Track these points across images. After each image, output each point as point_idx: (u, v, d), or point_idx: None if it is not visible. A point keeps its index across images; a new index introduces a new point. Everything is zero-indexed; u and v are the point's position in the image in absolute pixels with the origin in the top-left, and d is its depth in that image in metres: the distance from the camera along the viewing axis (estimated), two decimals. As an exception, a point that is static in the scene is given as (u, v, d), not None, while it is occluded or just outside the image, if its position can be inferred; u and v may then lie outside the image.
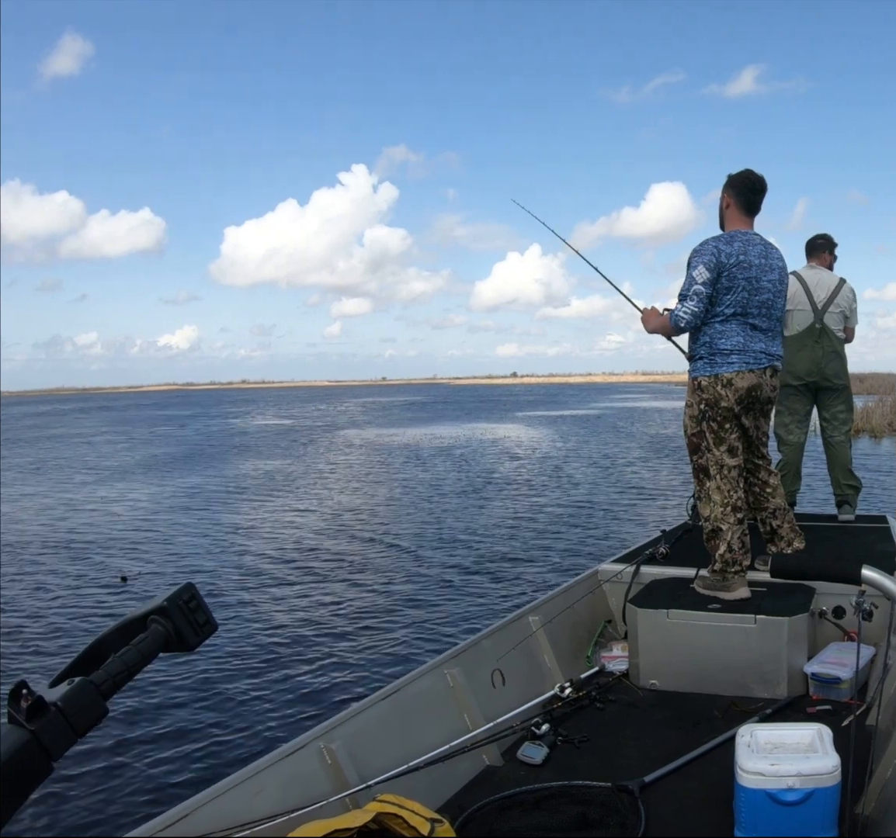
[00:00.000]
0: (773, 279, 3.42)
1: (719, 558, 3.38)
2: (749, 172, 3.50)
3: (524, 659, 3.06)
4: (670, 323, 3.43)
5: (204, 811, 1.80)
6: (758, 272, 3.36)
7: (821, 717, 2.66)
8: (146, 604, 0.84)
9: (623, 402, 53.29)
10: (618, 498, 12.80)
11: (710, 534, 3.46)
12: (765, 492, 3.67)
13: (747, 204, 3.47)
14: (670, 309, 3.51)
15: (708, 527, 3.47)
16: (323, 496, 14.18)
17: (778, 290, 3.46)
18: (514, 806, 2.22)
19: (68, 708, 0.72)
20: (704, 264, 3.31)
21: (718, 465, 3.44)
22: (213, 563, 8.96)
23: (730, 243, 3.36)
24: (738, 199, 3.47)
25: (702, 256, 3.34)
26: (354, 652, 5.80)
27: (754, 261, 3.36)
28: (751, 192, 3.47)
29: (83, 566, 9.02)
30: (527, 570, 8.10)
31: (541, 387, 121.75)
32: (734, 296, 3.34)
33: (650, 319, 3.60)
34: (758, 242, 3.43)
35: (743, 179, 3.48)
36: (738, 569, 3.35)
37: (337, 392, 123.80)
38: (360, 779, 2.12)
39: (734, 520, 3.42)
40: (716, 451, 3.44)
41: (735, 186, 3.48)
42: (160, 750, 4.34)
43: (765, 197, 3.51)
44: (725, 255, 3.32)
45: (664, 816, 2.18)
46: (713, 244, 3.36)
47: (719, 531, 3.42)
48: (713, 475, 3.45)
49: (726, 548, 3.38)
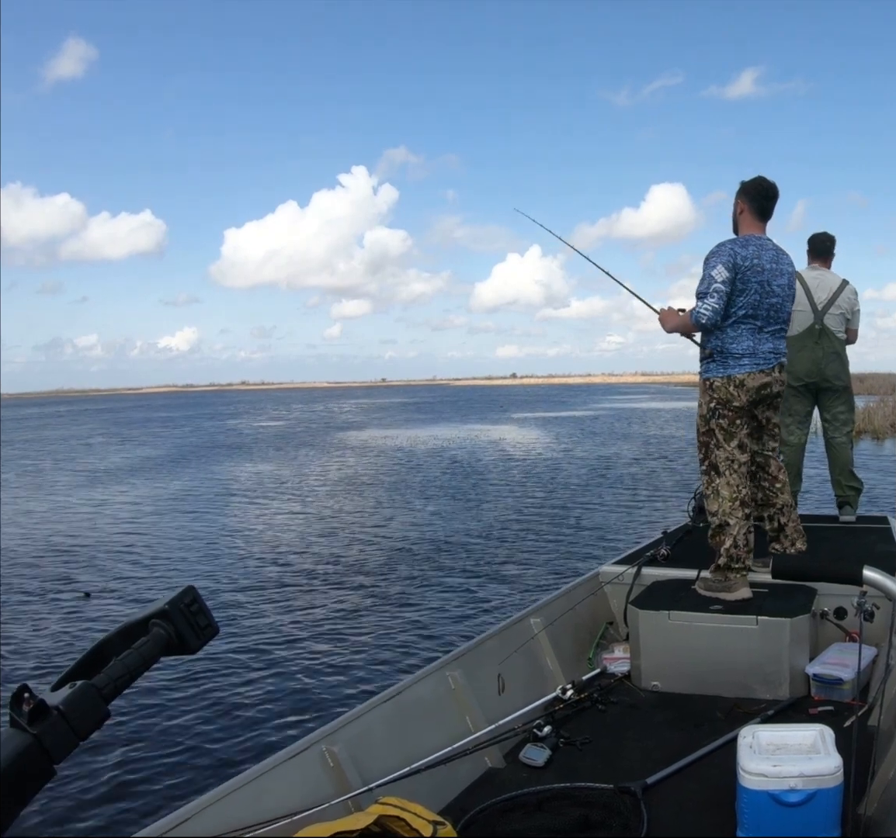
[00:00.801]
0: (782, 284, 3.53)
1: (724, 553, 3.39)
2: (762, 179, 3.62)
3: (526, 661, 3.06)
4: (691, 320, 3.51)
5: (207, 813, 1.80)
6: (769, 276, 3.47)
7: (823, 718, 2.66)
8: (148, 608, 0.84)
9: (622, 403, 53.30)
10: (618, 499, 12.80)
11: (717, 530, 3.48)
12: (774, 488, 3.71)
13: (761, 210, 3.59)
14: (685, 309, 3.60)
15: (715, 521, 3.49)
16: (322, 498, 14.17)
17: (787, 294, 3.57)
18: (517, 809, 2.22)
19: (70, 711, 0.72)
20: (723, 264, 3.41)
21: (729, 461, 3.49)
22: (214, 567, 8.96)
23: (745, 247, 3.47)
24: (751, 204, 3.58)
25: (720, 257, 3.44)
26: (356, 654, 5.79)
27: (766, 266, 3.46)
28: (764, 199, 3.59)
29: (82, 569, 9.02)
30: (528, 572, 8.10)
31: (540, 388, 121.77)
32: (746, 298, 3.44)
33: (669, 319, 3.69)
34: (770, 248, 3.54)
35: (756, 186, 3.59)
36: (740, 566, 3.37)
37: (336, 393, 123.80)
38: (362, 782, 2.12)
39: (742, 514, 3.46)
40: (727, 447, 3.49)
41: (749, 193, 3.59)
42: (162, 753, 4.34)
43: (776, 203, 3.63)
44: (741, 258, 3.42)
45: (666, 818, 2.18)
46: (730, 246, 3.47)
47: (726, 526, 3.44)
48: (723, 471, 3.49)
49: (732, 542, 3.40)
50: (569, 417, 38.89)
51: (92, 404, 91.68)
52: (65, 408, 76.95)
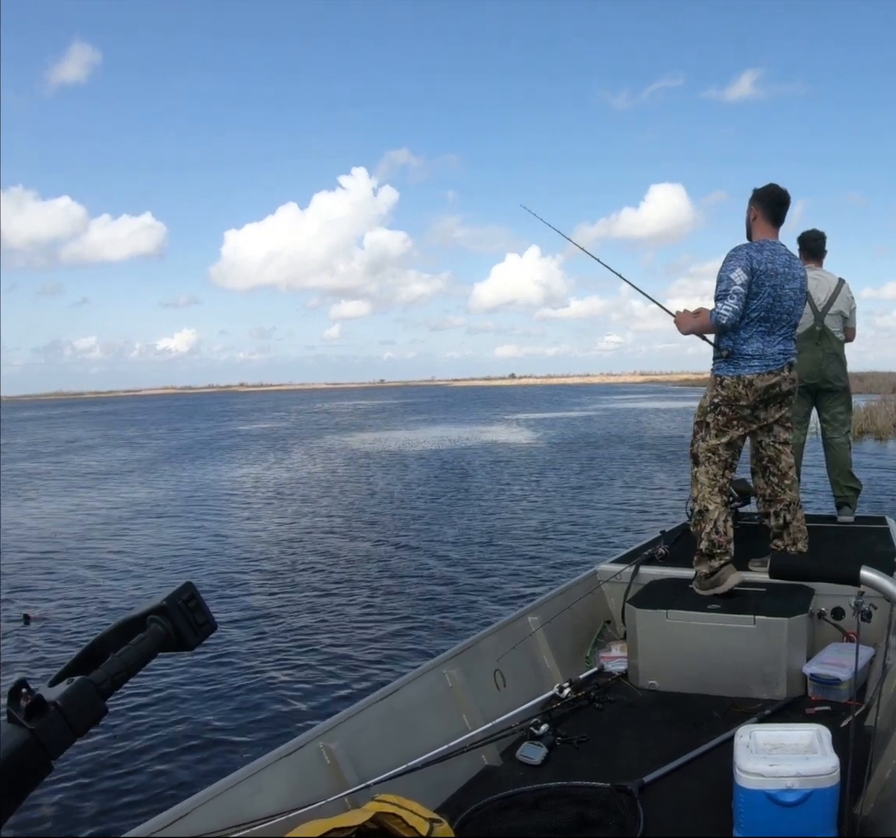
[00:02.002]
0: (794, 288, 3.59)
1: (706, 537, 3.45)
2: (774, 186, 3.70)
3: (523, 659, 3.06)
4: (711, 321, 3.56)
5: (203, 810, 1.80)
6: (782, 280, 3.54)
7: (820, 718, 2.66)
8: (145, 604, 0.84)
9: (620, 404, 53.31)
10: (617, 498, 12.81)
11: (698, 517, 3.56)
12: (783, 484, 3.75)
13: (774, 216, 3.67)
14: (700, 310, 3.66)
15: (696, 508, 3.57)
16: (322, 498, 14.17)
17: (798, 298, 3.64)
18: (513, 807, 2.22)
19: (67, 707, 0.72)
20: (742, 267, 3.48)
21: (710, 452, 3.57)
22: (211, 563, 8.96)
23: (760, 251, 3.53)
24: (765, 211, 3.66)
25: (738, 260, 3.51)
26: (354, 652, 5.80)
27: (780, 270, 3.54)
28: (777, 205, 3.67)
29: (79, 566, 9.02)
30: (525, 571, 8.10)
31: (539, 388, 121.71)
32: (759, 301, 3.50)
33: (685, 321, 3.74)
34: (783, 252, 3.61)
35: (769, 193, 3.67)
36: (722, 552, 3.42)
37: (334, 394, 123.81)
38: (359, 779, 2.12)
39: (720, 500, 3.54)
40: (712, 441, 3.57)
41: (762, 200, 3.67)
42: (159, 749, 4.34)
43: (788, 209, 3.71)
44: (756, 262, 3.49)
45: (663, 817, 2.18)
46: (746, 250, 3.54)
47: (705, 511, 3.51)
48: (702, 461, 3.59)
49: (712, 527, 3.46)
50: (567, 418, 38.90)
51: (84, 407, 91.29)
52: (60, 411, 76.65)
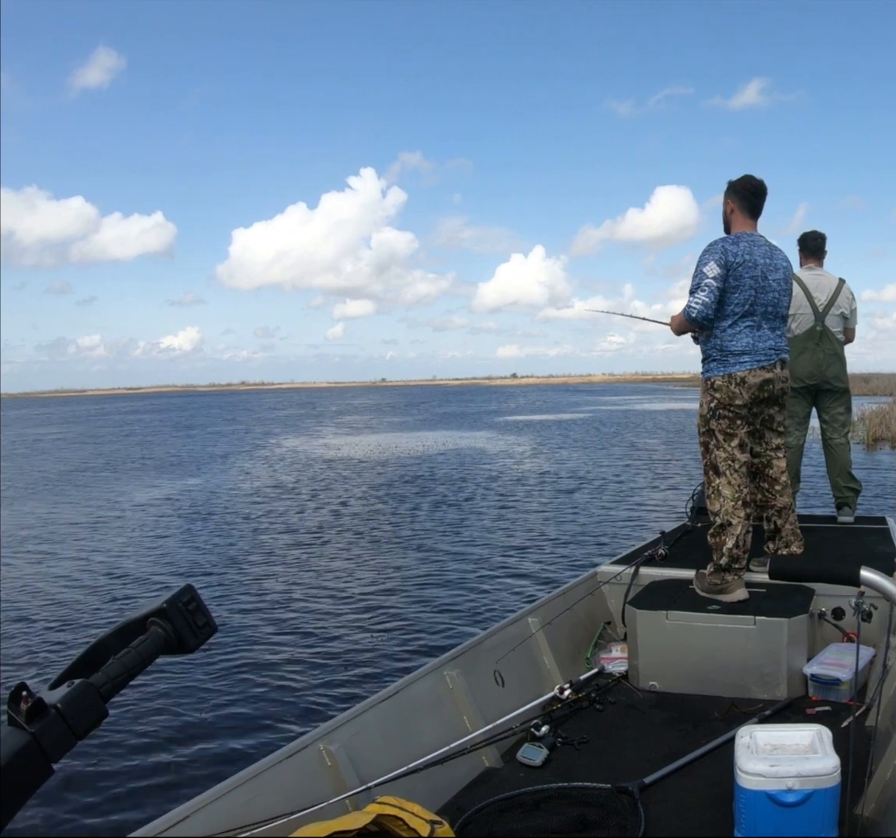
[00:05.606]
0: (778, 278, 3.53)
1: (727, 552, 3.39)
2: (750, 177, 3.62)
3: (523, 660, 3.06)
4: (684, 316, 3.53)
5: (204, 812, 1.80)
6: (763, 271, 3.47)
7: (820, 718, 2.66)
8: (146, 606, 0.84)
9: (621, 404, 53.30)
10: (617, 499, 12.80)
11: (718, 530, 3.47)
12: (773, 490, 3.71)
13: (751, 207, 3.60)
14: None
15: (717, 521, 3.48)
16: (320, 499, 14.16)
17: (783, 289, 3.58)
18: (514, 808, 2.22)
19: (68, 710, 0.72)
20: (715, 261, 3.43)
21: (729, 461, 3.49)
22: (211, 565, 8.95)
23: (736, 243, 3.48)
24: (741, 203, 3.59)
25: (712, 254, 3.46)
26: (354, 654, 5.79)
27: (759, 261, 3.47)
28: (753, 196, 3.59)
29: (80, 568, 9.01)
30: (525, 572, 8.10)
31: (539, 387, 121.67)
32: (741, 294, 3.45)
33: (673, 322, 3.73)
34: (762, 244, 3.54)
35: (744, 184, 3.60)
36: (739, 566, 3.37)
37: (334, 393, 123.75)
38: (359, 781, 2.12)
39: (744, 514, 3.46)
40: (727, 447, 3.49)
41: (738, 192, 3.60)
42: (159, 751, 4.34)
43: (766, 200, 3.62)
44: (732, 255, 3.43)
45: (664, 817, 2.18)
46: (721, 244, 3.49)
47: (728, 526, 3.44)
48: (723, 471, 3.49)
49: (734, 543, 3.40)
50: (567, 418, 38.87)
51: (84, 405, 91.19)
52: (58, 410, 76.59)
